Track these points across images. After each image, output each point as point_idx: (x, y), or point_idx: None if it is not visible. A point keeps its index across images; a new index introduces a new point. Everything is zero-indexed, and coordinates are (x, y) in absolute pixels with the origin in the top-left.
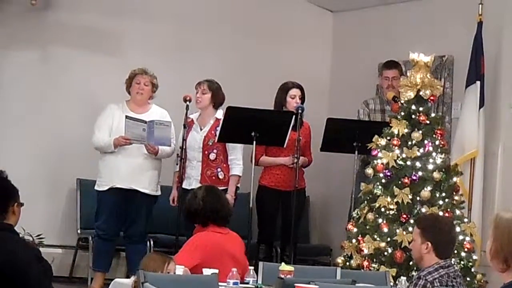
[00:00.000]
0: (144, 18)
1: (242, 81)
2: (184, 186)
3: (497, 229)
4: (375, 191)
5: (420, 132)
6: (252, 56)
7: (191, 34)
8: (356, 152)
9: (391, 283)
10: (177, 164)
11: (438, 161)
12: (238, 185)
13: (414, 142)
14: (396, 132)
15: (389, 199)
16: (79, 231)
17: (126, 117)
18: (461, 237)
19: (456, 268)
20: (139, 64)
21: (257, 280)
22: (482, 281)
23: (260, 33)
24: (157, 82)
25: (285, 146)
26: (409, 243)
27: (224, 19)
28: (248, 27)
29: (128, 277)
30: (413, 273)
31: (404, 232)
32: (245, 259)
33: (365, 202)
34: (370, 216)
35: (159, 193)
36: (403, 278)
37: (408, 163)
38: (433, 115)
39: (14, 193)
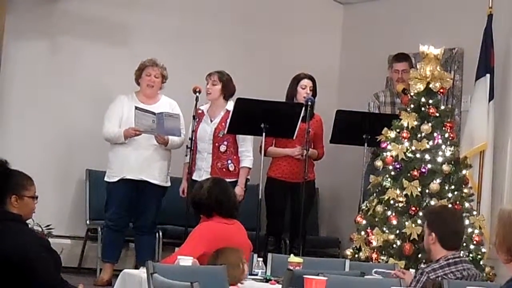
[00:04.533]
0: (153, 9)
1: (252, 72)
2: (194, 177)
3: (499, 222)
4: (384, 183)
5: (430, 124)
6: (262, 47)
7: (200, 24)
8: (366, 144)
9: None
10: (186, 156)
11: (448, 153)
12: (248, 177)
13: (423, 134)
14: (405, 124)
15: (398, 191)
16: (88, 221)
17: (136, 108)
18: (470, 230)
19: (469, 266)
20: (149, 54)
21: (265, 272)
22: (490, 273)
23: (270, 25)
24: (166, 73)
25: (294, 137)
26: (418, 235)
27: (235, 10)
28: (258, 18)
29: (137, 268)
30: (422, 265)
31: (413, 225)
32: (250, 244)
33: (374, 194)
34: (379, 208)
35: (169, 184)
36: (411, 271)
37: (418, 155)
38: (442, 107)
39: (11, 185)
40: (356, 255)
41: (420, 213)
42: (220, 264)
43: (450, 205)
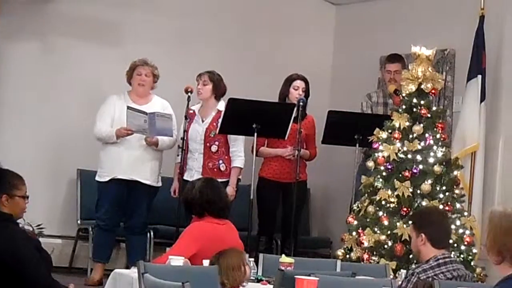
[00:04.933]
0: (146, 9)
1: (244, 73)
2: (185, 177)
3: (490, 223)
4: (375, 184)
5: (421, 125)
6: (254, 48)
7: (193, 25)
8: (357, 145)
9: (391, 276)
10: (178, 156)
11: (439, 154)
12: (240, 177)
13: (415, 135)
14: (397, 125)
15: (389, 192)
16: (79, 221)
17: (128, 107)
18: (461, 231)
19: (458, 266)
20: (141, 54)
21: (257, 272)
22: (481, 274)
23: (262, 25)
24: (158, 72)
25: (286, 138)
26: (409, 237)
27: (226, 11)
28: (250, 19)
29: (128, 268)
30: (413, 266)
31: (405, 225)
32: (241, 244)
33: (366, 195)
34: (370, 209)
35: (160, 184)
36: (403, 271)
37: (409, 156)
38: (434, 108)
39: (2, 184)
40: (348, 256)
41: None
42: (221, 266)
43: (441, 206)
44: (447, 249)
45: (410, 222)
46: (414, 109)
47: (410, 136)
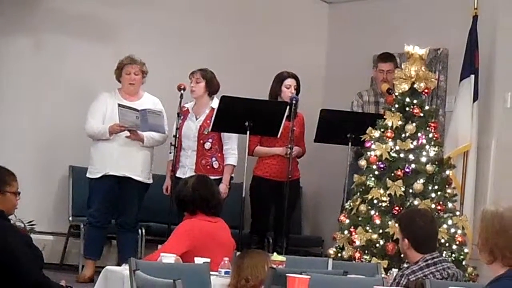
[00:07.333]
0: (139, 6)
1: (237, 71)
2: (178, 175)
3: (482, 222)
4: (368, 182)
5: (414, 124)
6: (247, 46)
7: (186, 23)
8: (350, 143)
9: (383, 275)
10: (170, 153)
11: (431, 154)
12: (232, 174)
13: (407, 134)
14: (390, 124)
15: (381, 191)
16: (70, 218)
17: (119, 105)
18: (452, 230)
19: (448, 265)
20: (134, 52)
21: None
22: (473, 274)
23: (256, 23)
24: (146, 68)
25: (279, 136)
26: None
27: (220, 9)
28: (244, 17)
29: (119, 264)
30: (405, 265)
31: (396, 224)
32: (233, 242)
33: (358, 193)
34: (362, 207)
35: (151, 181)
36: (394, 270)
37: (401, 155)
38: (427, 108)
39: None
40: (339, 254)
41: None
42: (246, 263)
43: (433, 205)
44: (434, 251)
45: (396, 224)
46: (407, 108)
47: (403, 135)
